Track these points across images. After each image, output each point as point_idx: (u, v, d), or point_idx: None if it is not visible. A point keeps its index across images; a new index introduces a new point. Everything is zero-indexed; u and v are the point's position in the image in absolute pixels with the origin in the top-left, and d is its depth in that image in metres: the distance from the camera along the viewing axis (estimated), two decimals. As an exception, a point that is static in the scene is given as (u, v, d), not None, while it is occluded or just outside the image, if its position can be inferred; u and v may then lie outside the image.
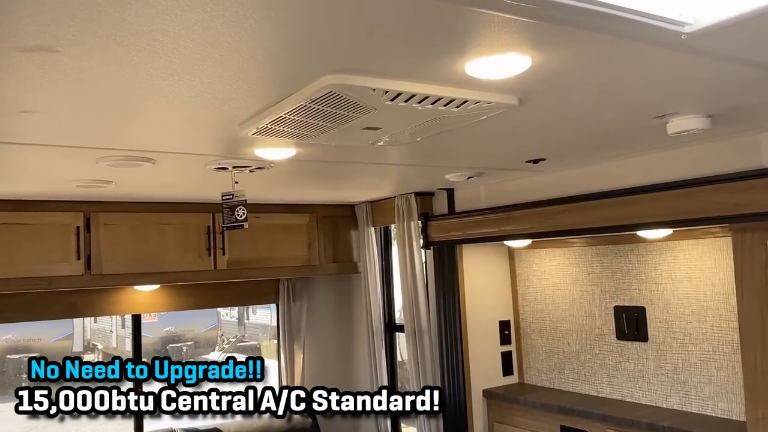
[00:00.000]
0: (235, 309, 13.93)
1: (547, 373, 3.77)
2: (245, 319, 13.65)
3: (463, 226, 3.67)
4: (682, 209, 2.60)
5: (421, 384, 3.99)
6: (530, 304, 3.88)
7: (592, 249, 3.51)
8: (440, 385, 3.86)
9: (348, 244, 4.61)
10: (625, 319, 3.32)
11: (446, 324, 3.83)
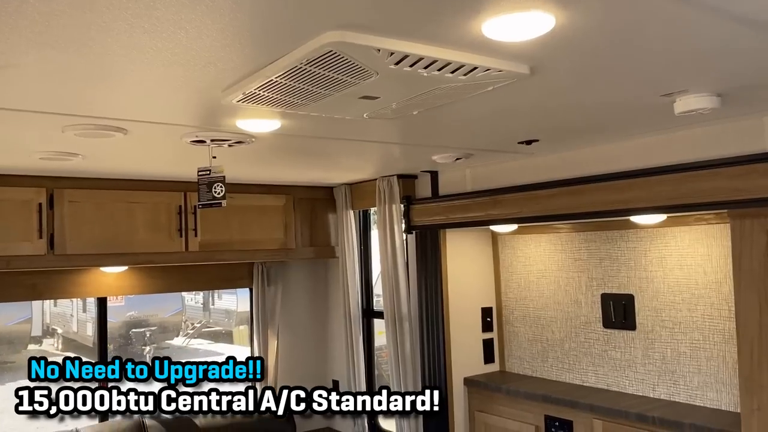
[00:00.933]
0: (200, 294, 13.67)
1: (530, 361, 3.69)
2: (210, 305, 13.41)
3: (448, 210, 3.55)
4: (679, 194, 2.51)
5: (400, 371, 3.88)
6: (513, 291, 3.79)
7: (579, 235, 3.43)
8: (420, 372, 3.75)
9: (325, 227, 4.46)
10: (613, 307, 3.25)
11: (428, 310, 3.71)
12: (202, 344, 12.63)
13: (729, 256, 2.79)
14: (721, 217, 2.81)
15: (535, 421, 3.33)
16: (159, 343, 12.02)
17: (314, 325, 4.76)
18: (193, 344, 12.59)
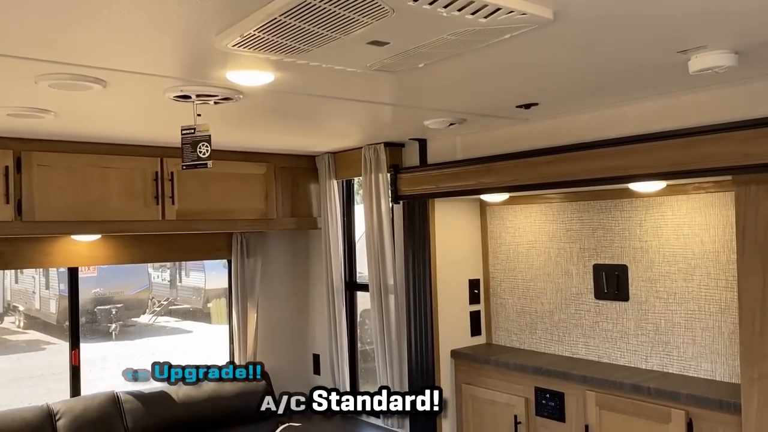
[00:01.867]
0: (167, 271, 13.40)
1: (518, 333, 3.63)
2: (178, 282, 13.16)
3: (437, 179, 3.44)
4: (684, 160, 2.44)
5: (385, 344, 3.79)
6: (502, 263, 3.71)
7: (572, 205, 3.36)
8: (407, 345, 3.67)
9: (307, 197, 4.31)
10: (605, 278, 3.20)
11: (415, 282, 3.62)
12: (169, 322, 12.42)
13: (728, 225, 2.75)
14: (720, 185, 2.76)
15: (524, 393, 3.27)
16: (125, 321, 11.77)
17: (295, 298, 4.63)
18: (160, 322, 12.37)
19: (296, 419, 3.97)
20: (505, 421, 3.34)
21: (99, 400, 3.55)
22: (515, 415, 3.27)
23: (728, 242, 2.75)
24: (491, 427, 3.42)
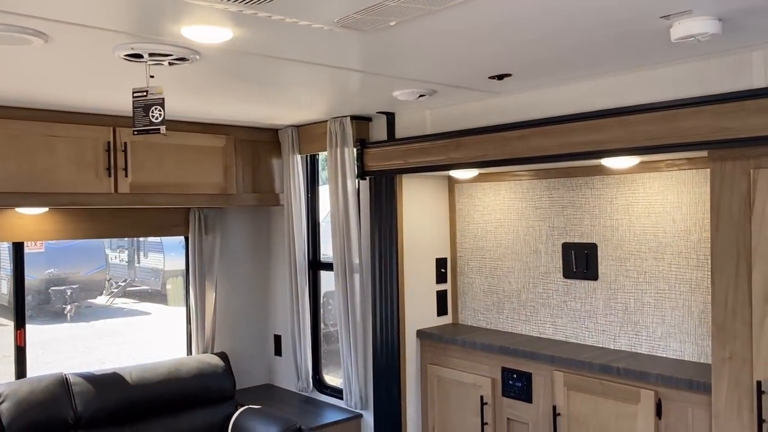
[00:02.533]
0: (125, 252, 13.04)
1: (484, 313, 3.56)
2: (136, 263, 12.82)
3: (406, 154, 3.32)
4: (660, 134, 2.37)
5: (350, 324, 3.69)
6: (469, 241, 3.63)
7: (541, 182, 3.28)
8: (372, 325, 3.56)
9: (269, 173, 4.16)
10: (574, 257, 3.14)
11: (381, 261, 3.51)
12: (127, 303, 12.11)
13: (700, 203, 2.70)
14: (693, 162, 2.71)
15: (491, 374, 3.21)
16: (81, 302, 11.43)
17: (255, 277, 4.48)
18: (118, 303, 12.05)
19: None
20: (471, 402, 3.27)
21: (46, 382, 3.36)
22: (481, 395, 3.20)
23: (700, 220, 2.71)
24: (457, 408, 3.35)
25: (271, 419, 3.62)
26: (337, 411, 3.85)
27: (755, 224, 2.23)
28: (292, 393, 4.21)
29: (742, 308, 2.27)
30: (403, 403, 3.48)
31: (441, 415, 3.44)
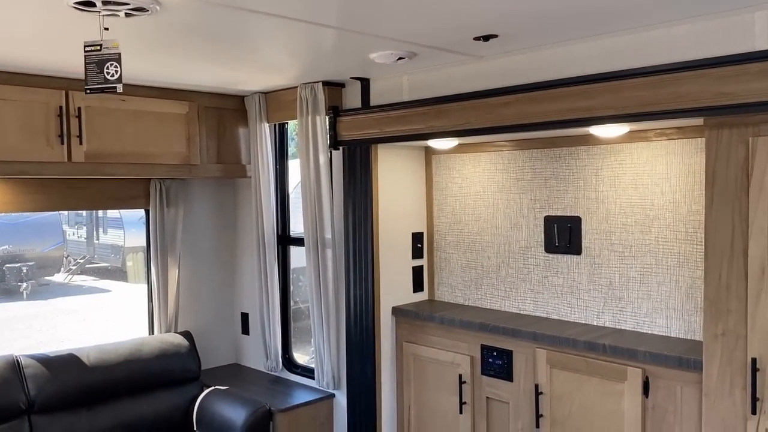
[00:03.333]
0: (83, 228, 12.61)
1: (462, 289, 3.44)
2: (95, 240, 12.41)
3: (382, 122, 3.14)
4: (655, 100, 2.25)
5: (322, 302, 3.53)
6: (447, 215, 3.48)
7: (523, 153, 3.14)
8: (345, 302, 3.41)
9: (235, 142, 3.94)
10: (557, 231, 3.02)
11: (355, 235, 3.34)
12: (86, 281, 11.74)
13: (690, 174, 2.60)
14: (683, 131, 2.60)
15: (470, 352, 3.09)
16: (37, 280, 11.01)
17: (221, 252, 4.27)
18: (76, 281, 11.67)
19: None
20: (449, 381, 3.16)
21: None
22: (460, 374, 3.09)
23: (690, 192, 2.61)
24: (434, 386, 3.23)
25: (239, 401, 3.46)
26: (308, 391, 3.71)
27: (753, 195, 2.12)
28: (260, 373, 4.05)
29: (737, 283, 2.18)
30: (378, 382, 3.35)
31: (417, 395, 3.32)
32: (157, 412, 3.54)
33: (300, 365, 3.99)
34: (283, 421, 3.47)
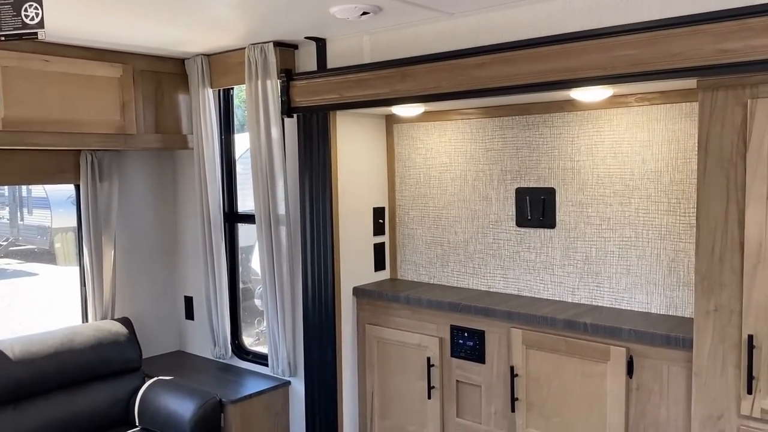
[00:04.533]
0: (6, 208, 11.83)
1: (427, 266, 3.23)
2: (19, 220, 11.66)
3: (341, 87, 2.88)
4: (646, 59, 2.07)
5: (275, 283, 3.26)
6: (410, 189, 3.26)
7: (493, 121, 2.94)
8: (302, 282, 3.15)
9: (175, 110, 3.59)
10: (529, 203, 2.85)
11: (312, 211, 3.08)
12: (11, 264, 11.00)
13: (673, 141, 2.46)
14: (667, 96, 2.45)
15: (438, 333, 2.90)
16: (-34, 264, 10.25)
17: (160, 231, 3.93)
18: (0, 264, 10.93)
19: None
20: (416, 364, 2.96)
21: None
22: (428, 357, 2.90)
23: (673, 161, 2.47)
24: (400, 371, 3.03)
25: (186, 392, 3.18)
26: (262, 379, 3.45)
27: (751, 161, 1.98)
28: (207, 361, 3.76)
29: (731, 255, 2.05)
30: (338, 368, 3.12)
31: (381, 380, 3.12)
32: (93, 407, 3.22)
33: (251, 351, 3.72)
34: (236, 412, 3.21)
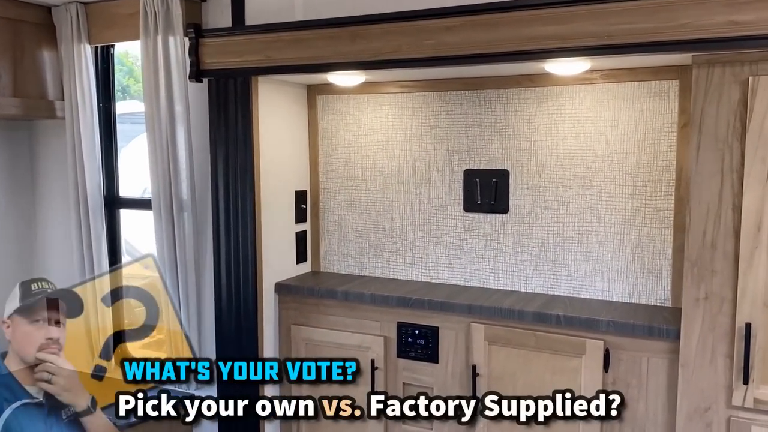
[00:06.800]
0: None
1: (357, 257, 2.90)
2: None
3: (270, 47, 2.44)
4: (648, 29, 1.91)
5: (179, 281, 2.75)
6: (338, 170, 2.89)
7: (438, 96, 2.67)
8: (214, 279, 2.67)
9: (39, 70, 2.91)
10: (479, 187, 2.62)
11: (228, 195, 2.61)
12: None
13: (641, 121, 2.36)
14: (634, 73, 2.33)
15: (383, 332, 2.58)
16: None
17: (12, 220, 3.19)
18: None
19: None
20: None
21: None
22: (372, 359, 2.57)
23: (640, 142, 2.36)
24: (337, 377, 2.67)
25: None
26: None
27: (750, 142, 1.89)
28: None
29: (724, 240, 1.96)
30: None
31: (312, 388, 2.73)
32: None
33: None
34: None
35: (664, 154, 2.32)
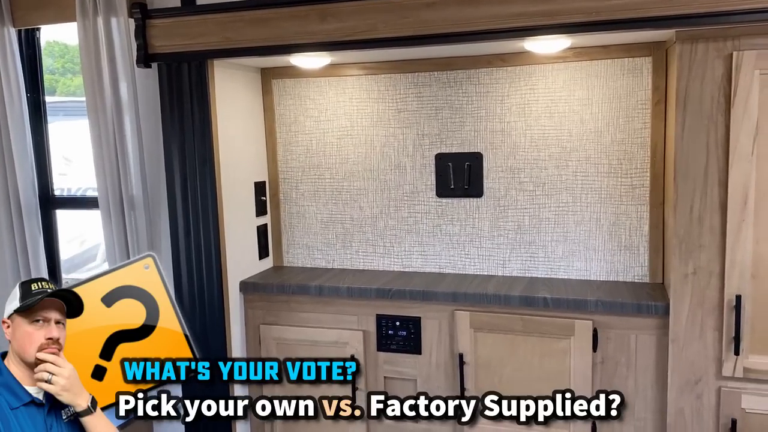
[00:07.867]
0: None
1: (323, 249, 2.77)
2: None
3: (228, 28, 2.26)
4: (626, 5, 1.90)
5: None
6: (299, 158, 2.74)
7: (405, 78, 2.57)
8: (174, 281, 2.47)
9: (-47, 57, 2.56)
10: (452, 171, 2.55)
11: (186, 189, 2.41)
12: None
13: (615, 99, 2.36)
14: (608, 50, 2.32)
15: (361, 326, 2.48)
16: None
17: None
18: None
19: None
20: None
21: None
22: (352, 354, 2.46)
23: (614, 120, 2.36)
24: (315, 376, 2.54)
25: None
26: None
27: (735, 116, 1.92)
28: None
29: (711, 215, 1.98)
30: (230, 386, 2.52)
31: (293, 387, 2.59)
32: None
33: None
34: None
35: (639, 132, 2.33)
